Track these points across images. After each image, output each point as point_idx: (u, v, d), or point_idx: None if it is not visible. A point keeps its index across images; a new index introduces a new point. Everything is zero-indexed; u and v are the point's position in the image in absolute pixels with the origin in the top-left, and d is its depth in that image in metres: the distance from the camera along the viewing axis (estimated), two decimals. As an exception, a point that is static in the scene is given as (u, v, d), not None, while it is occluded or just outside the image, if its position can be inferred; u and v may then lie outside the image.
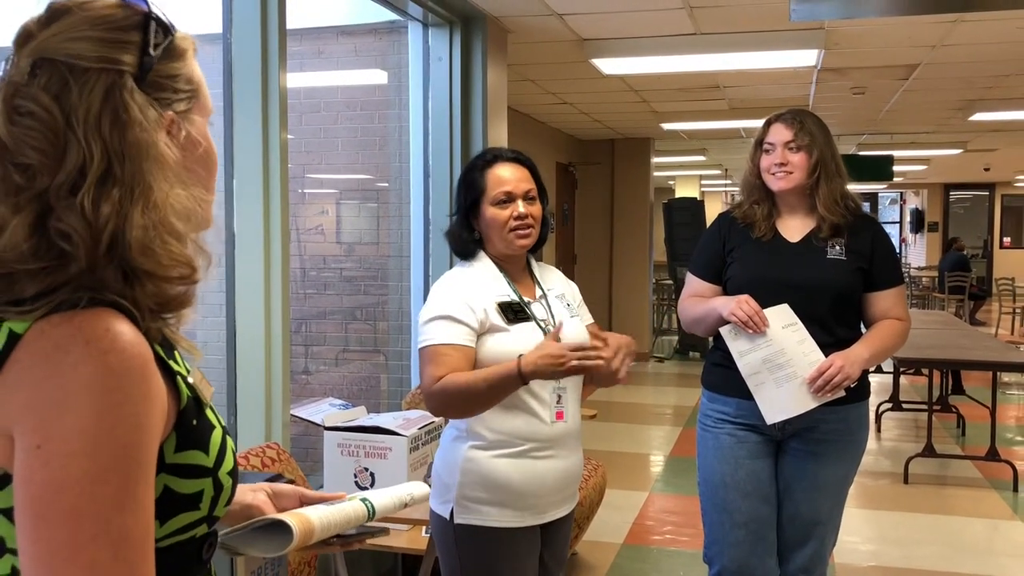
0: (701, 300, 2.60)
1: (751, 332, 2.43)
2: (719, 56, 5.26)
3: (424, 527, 2.84)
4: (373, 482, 2.84)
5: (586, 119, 8.58)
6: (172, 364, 0.91)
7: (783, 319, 2.45)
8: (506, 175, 2.09)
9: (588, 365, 1.90)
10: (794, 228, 2.57)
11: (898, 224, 23.12)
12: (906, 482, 5.38)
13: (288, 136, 3.02)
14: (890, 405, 7.02)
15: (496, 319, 2.02)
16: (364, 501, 1.25)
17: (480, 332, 2.01)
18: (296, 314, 4.32)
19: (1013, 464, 5.31)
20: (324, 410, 3.14)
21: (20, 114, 0.85)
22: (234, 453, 1.00)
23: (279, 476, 2.53)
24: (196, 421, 0.93)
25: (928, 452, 5.50)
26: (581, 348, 1.91)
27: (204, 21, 3.11)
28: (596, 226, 10.22)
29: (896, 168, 11.47)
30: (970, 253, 15.52)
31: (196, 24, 3.23)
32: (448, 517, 2.04)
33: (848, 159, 2.85)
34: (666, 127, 9.00)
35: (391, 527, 2.95)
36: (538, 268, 2.23)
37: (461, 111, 4.46)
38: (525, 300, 2.10)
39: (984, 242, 19.81)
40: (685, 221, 10.46)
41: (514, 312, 2.05)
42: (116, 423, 0.80)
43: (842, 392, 2.40)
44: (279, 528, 1.12)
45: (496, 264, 2.12)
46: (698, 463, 2.63)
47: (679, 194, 15.12)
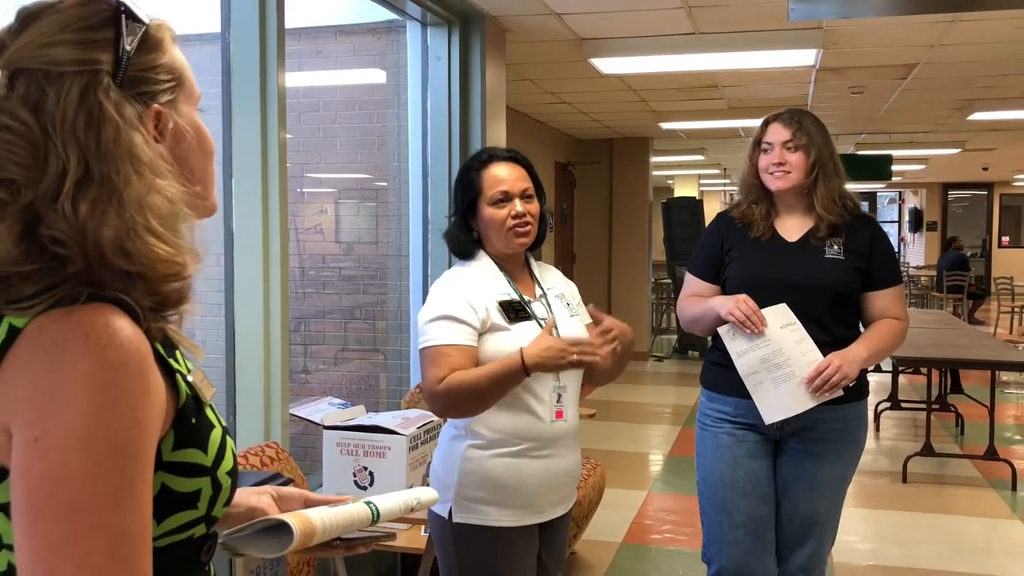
0: (700, 300, 2.60)
1: (749, 332, 2.43)
2: (718, 56, 5.26)
3: (423, 526, 2.84)
4: (372, 481, 2.84)
5: (585, 118, 8.58)
6: (172, 362, 0.91)
7: (781, 319, 2.45)
8: (503, 174, 2.09)
9: (587, 360, 1.91)
10: (792, 228, 2.57)
11: (897, 223, 23.13)
12: (905, 481, 5.39)
13: (287, 135, 3.02)
14: (889, 404, 7.03)
15: (497, 318, 2.02)
16: (369, 504, 1.24)
17: (481, 331, 2.01)
18: (295, 313, 4.32)
19: (1012, 463, 5.32)
20: (323, 409, 3.14)
21: None
22: (234, 453, 0.99)
23: (278, 475, 2.53)
24: (195, 420, 0.92)
25: (927, 451, 5.51)
26: (579, 343, 1.92)
27: (203, 20, 3.11)
28: (595, 225, 10.23)
29: (895, 167, 11.47)
30: (969, 252, 15.53)
31: (195, 23, 3.24)
32: (447, 516, 2.04)
33: (846, 158, 2.86)
34: (665, 126, 9.00)
35: (390, 526, 2.95)
36: (537, 267, 2.23)
37: (460, 110, 4.47)
38: (526, 299, 2.10)
39: (983, 241, 19.83)
40: (684, 220, 10.46)
41: (515, 311, 2.05)
42: (113, 418, 0.80)
43: (840, 392, 2.40)
44: (280, 529, 1.11)
45: (496, 263, 2.12)
46: (697, 462, 2.64)
47: (678, 193, 15.12)
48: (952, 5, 4.19)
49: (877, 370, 7.95)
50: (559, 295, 2.19)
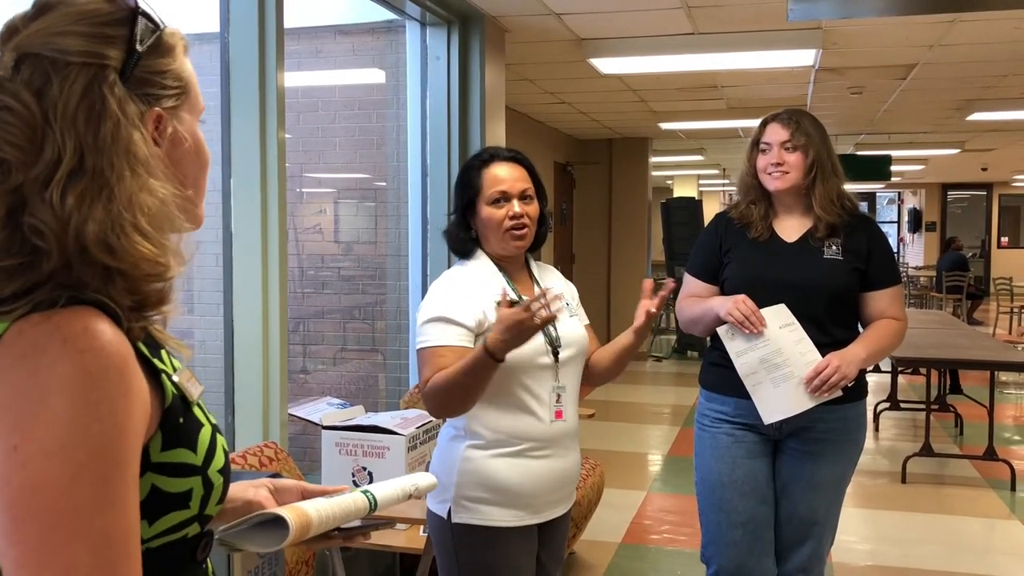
0: (698, 300, 2.60)
1: (748, 332, 2.43)
2: (717, 56, 5.26)
3: (422, 526, 2.84)
4: (371, 481, 2.84)
5: (584, 119, 8.58)
6: (156, 362, 0.90)
7: (780, 319, 2.45)
8: (502, 174, 2.08)
9: (546, 316, 1.81)
10: (791, 228, 2.57)
11: (896, 224, 23.14)
12: (904, 481, 5.39)
13: (286, 135, 3.02)
14: (888, 404, 7.03)
15: (495, 318, 2.02)
16: (366, 493, 1.24)
17: (478, 332, 2.01)
18: (294, 313, 4.32)
19: (1011, 463, 5.32)
20: (322, 409, 3.14)
21: None
22: (226, 451, 0.99)
23: (277, 475, 2.53)
24: (182, 419, 0.92)
25: (926, 451, 5.51)
26: (528, 308, 1.81)
27: (202, 20, 3.11)
28: (594, 226, 10.22)
29: (894, 168, 11.48)
30: (968, 253, 15.53)
31: (194, 23, 3.24)
32: (446, 516, 2.04)
33: (846, 159, 2.86)
34: (664, 127, 9.00)
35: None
36: (537, 268, 2.23)
37: (459, 110, 4.47)
38: (524, 299, 2.10)
39: (982, 242, 19.84)
40: (683, 221, 10.46)
41: (513, 311, 2.04)
42: (93, 422, 0.79)
43: (839, 392, 2.40)
44: (275, 523, 1.11)
45: (495, 263, 2.12)
46: (695, 463, 2.63)
47: (677, 194, 15.12)
48: (952, 5, 4.20)
49: (876, 370, 7.96)
50: (559, 295, 2.19)
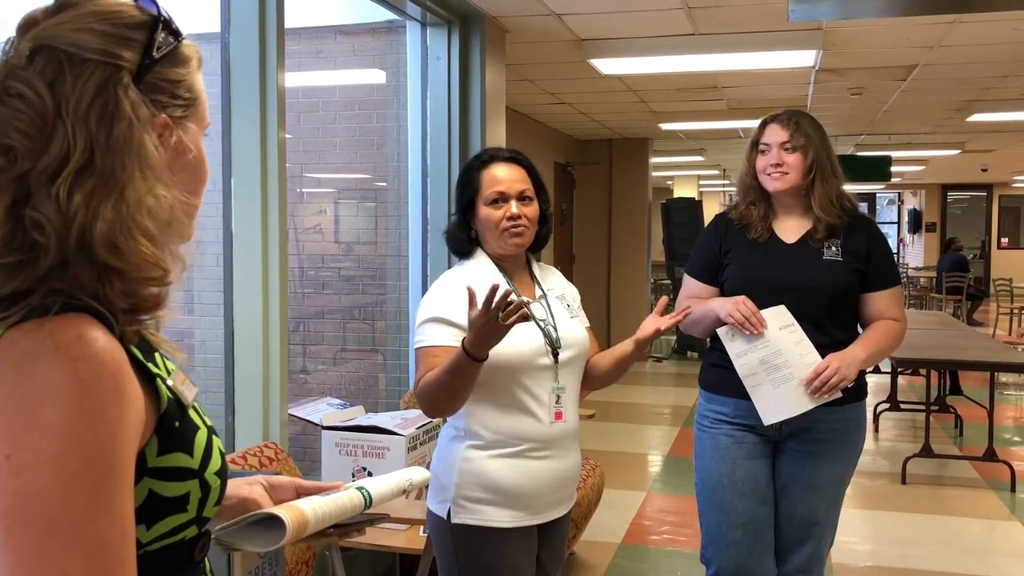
0: (698, 301, 2.60)
1: (748, 333, 2.43)
2: (717, 56, 5.27)
3: (422, 527, 2.84)
4: (371, 482, 2.84)
5: (584, 119, 8.58)
6: (150, 367, 0.90)
7: (780, 320, 2.45)
8: (501, 175, 2.09)
9: (519, 314, 1.79)
10: (790, 229, 2.57)
11: (896, 224, 23.14)
12: (904, 482, 5.39)
13: (286, 135, 3.02)
14: (888, 405, 7.03)
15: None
16: (360, 489, 1.24)
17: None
18: (294, 313, 4.32)
19: (1011, 464, 5.32)
20: (322, 409, 3.14)
21: (10, 95, 0.84)
22: (222, 453, 0.98)
23: (279, 475, 2.53)
24: (178, 423, 0.92)
25: (926, 452, 5.51)
26: (486, 310, 1.78)
27: (202, 20, 3.11)
28: (594, 226, 10.22)
29: (894, 169, 11.49)
30: (968, 254, 15.53)
31: (194, 23, 3.24)
32: (445, 517, 2.04)
33: (846, 159, 2.86)
34: (664, 127, 9.00)
35: (389, 527, 2.95)
36: (538, 268, 2.23)
37: (459, 111, 4.47)
38: (525, 300, 2.10)
39: (982, 243, 19.84)
40: (683, 221, 10.46)
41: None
42: (86, 430, 0.79)
43: (839, 394, 2.40)
44: (272, 522, 1.11)
45: (495, 263, 2.12)
46: (695, 463, 2.63)
47: (677, 194, 15.12)
48: (952, 6, 4.20)
49: (876, 371, 7.96)
50: (559, 296, 2.19)
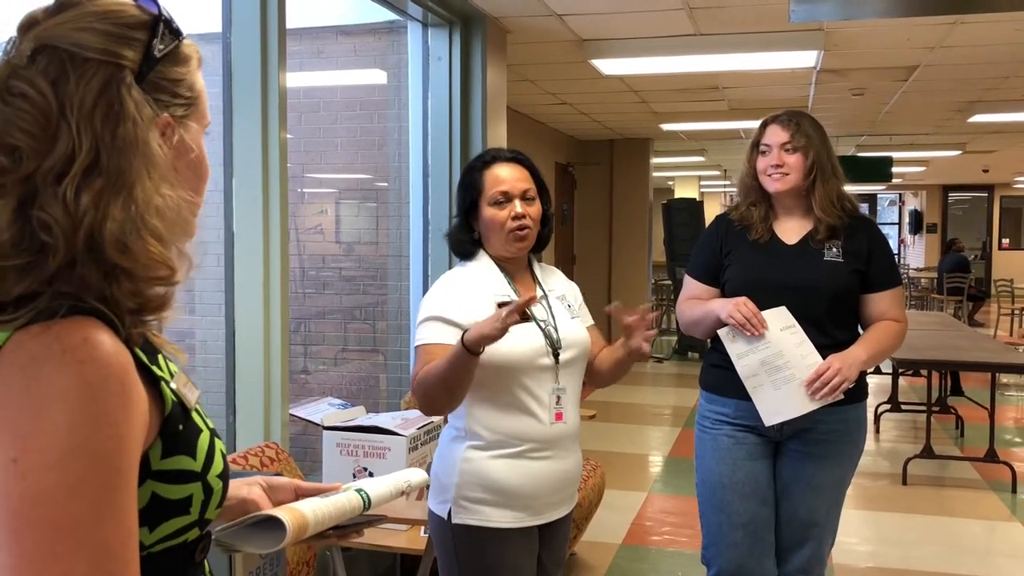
0: (699, 302, 2.60)
1: (749, 334, 2.43)
2: (718, 57, 5.27)
3: (422, 527, 2.84)
4: (371, 482, 2.84)
5: (585, 119, 8.58)
6: (155, 369, 0.90)
7: (781, 321, 2.45)
8: (504, 175, 2.09)
9: (516, 306, 1.81)
10: (791, 230, 2.57)
11: (897, 225, 23.13)
12: (905, 483, 5.38)
13: (287, 136, 3.02)
14: (889, 406, 7.03)
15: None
16: (359, 491, 1.24)
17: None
18: (295, 313, 4.32)
19: (1011, 465, 5.32)
20: (323, 410, 3.14)
21: (13, 95, 0.84)
22: (224, 455, 0.99)
23: (278, 476, 2.53)
24: (182, 426, 0.92)
25: (927, 453, 5.51)
26: (504, 304, 1.83)
27: (204, 20, 3.11)
28: (595, 226, 10.22)
29: (895, 169, 11.48)
30: (969, 255, 15.52)
31: (196, 23, 3.24)
32: (446, 517, 2.04)
33: (847, 160, 2.86)
34: (665, 128, 9.00)
35: (390, 527, 2.95)
36: (540, 269, 2.23)
37: (460, 111, 4.47)
38: (535, 295, 2.09)
39: (983, 244, 19.83)
40: (684, 222, 10.46)
41: (514, 312, 2.05)
42: (92, 434, 0.79)
43: (841, 395, 2.40)
44: (272, 523, 1.11)
45: (497, 264, 2.12)
46: (696, 464, 2.63)
47: (678, 195, 15.12)
48: (953, 7, 4.20)
49: (877, 372, 7.95)
50: (560, 297, 2.19)
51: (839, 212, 2.51)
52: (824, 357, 2.41)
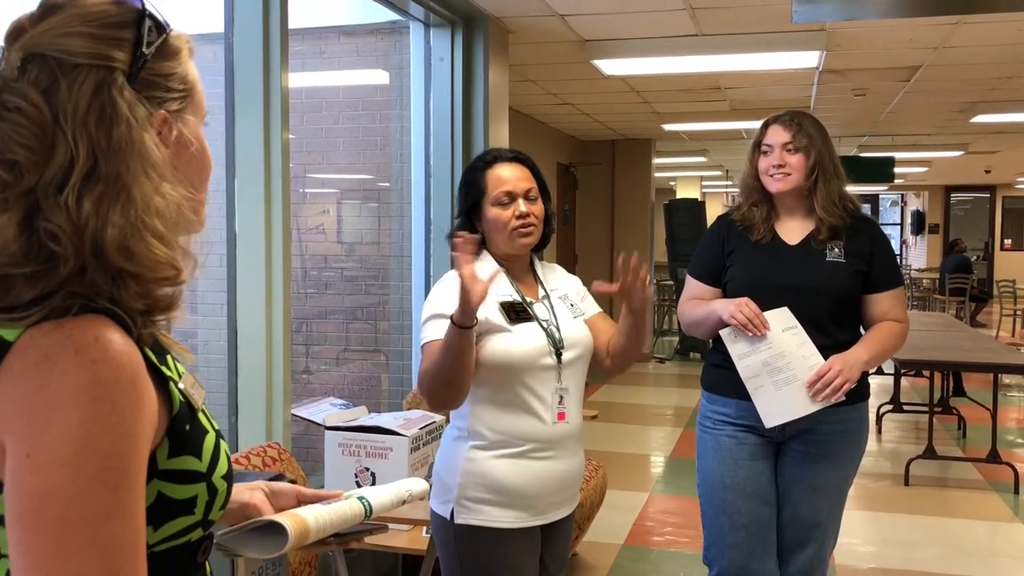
0: (701, 303, 2.59)
1: (751, 335, 2.43)
2: (720, 57, 5.27)
3: (425, 527, 2.84)
4: (374, 482, 2.84)
5: (587, 120, 8.58)
6: (164, 370, 0.91)
7: (783, 322, 2.44)
8: (506, 175, 2.09)
9: (465, 243, 1.83)
10: (793, 230, 2.57)
11: (899, 226, 23.11)
12: (907, 484, 5.38)
13: (290, 136, 3.02)
14: (891, 407, 7.02)
15: (498, 319, 2.02)
16: (361, 499, 1.24)
17: (478, 331, 2.00)
18: (297, 314, 4.32)
19: (1014, 466, 5.31)
20: (325, 410, 3.14)
21: (8, 110, 0.84)
22: (228, 456, 0.99)
23: (280, 476, 2.53)
24: (189, 427, 0.92)
25: (929, 454, 5.50)
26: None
27: (206, 21, 3.11)
28: (597, 227, 10.22)
29: (897, 170, 11.46)
30: (971, 255, 15.50)
31: (198, 24, 3.24)
32: (449, 517, 2.05)
33: (849, 161, 2.85)
34: (667, 128, 9.00)
35: (392, 527, 2.95)
36: (541, 268, 2.23)
37: (463, 111, 4.47)
38: (528, 300, 2.10)
39: (985, 244, 19.80)
40: (686, 222, 10.45)
41: (516, 312, 2.05)
42: (104, 432, 0.80)
43: (842, 397, 2.40)
44: (274, 529, 1.11)
45: (499, 263, 2.12)
46: (698, 464, 2.63)
47: (680, 195, 15.11)
48: (956, 7, 4.19)
49: (879, 372, 7.95)
50: (562, 296, 2.19)
51: (841, 212, 2.51)
52: (826, 358, 2.41)
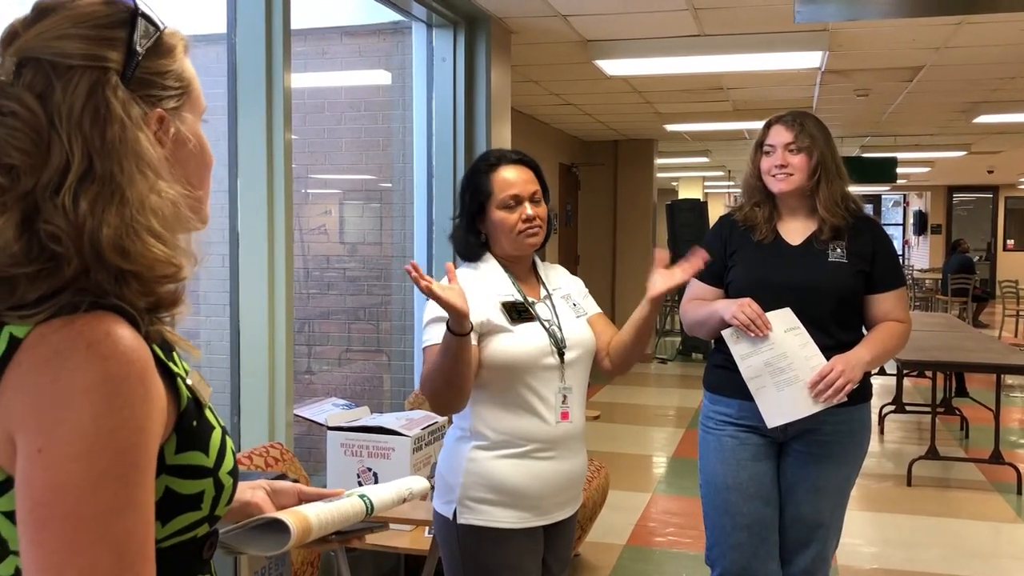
0: (703, 303, 2.59)
1: (753, 335, 2.43)
2: (723, 58, 5.26)
3: (427, 527, 2.84)
4: (376, 482, 2.84)
5: (589, 120, 8.58)
6: (171, 366, 0.92)
7: (785, 323, 2.44)
8: (512, 177, 2.09)
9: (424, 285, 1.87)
10: (795, 231, 2.57)
11: (901, 226, 23.09)
12: (909, 484, 5.37)
13: (292, 136, 3.03)
14: (893, 407, 7.01)
15: (500, 319, 2.02)
16: (362, 497, 1.25)
17: (480, 332, 2.01)
18: (299, 314, 4.32)
19: (1016, 467, 5.31)
20: (327, 410, 3.14)
21: (3, 114, 0.85)
22: (233, 453, 1.00)
23: (283, 476, 2.53)
24: (196, 422, 0.93)
25: (931, 454, 5.50)
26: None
27: (209, 21, 3.12)
28: (599, 227, 10.22)
29: (900, 170, 11.45)
30: (974, 256, 15.48)
31: (201, 25, 3.25)
32: (451, 517, 2.05)
33: (852, 161, 2.85)
34: (669, 128, 9.00)
35: (394, 527, 2.95)
36: (543, 268, 2.24)
37: (465, 112, 4.47)
38: (530, 300, 2.10)
39: (987, 245, 19.78)
40: (688, 222, 10.45)
41: (518, 312, 2.05)
42: (116, 427, 0.80)
43: (844, 397, 2.39)
44: (277, 526, 1.12)
45: (502, 265, 2.12)
46: (700, 465, 2.63)
47: (682, 195, 15.11)
48: (959, 7, 4.19)
49: (882, 373, 7.94)
50: (565, 296, 2.19)
51: (843, 213, 2.51)
52: (828, 358, 2.41)
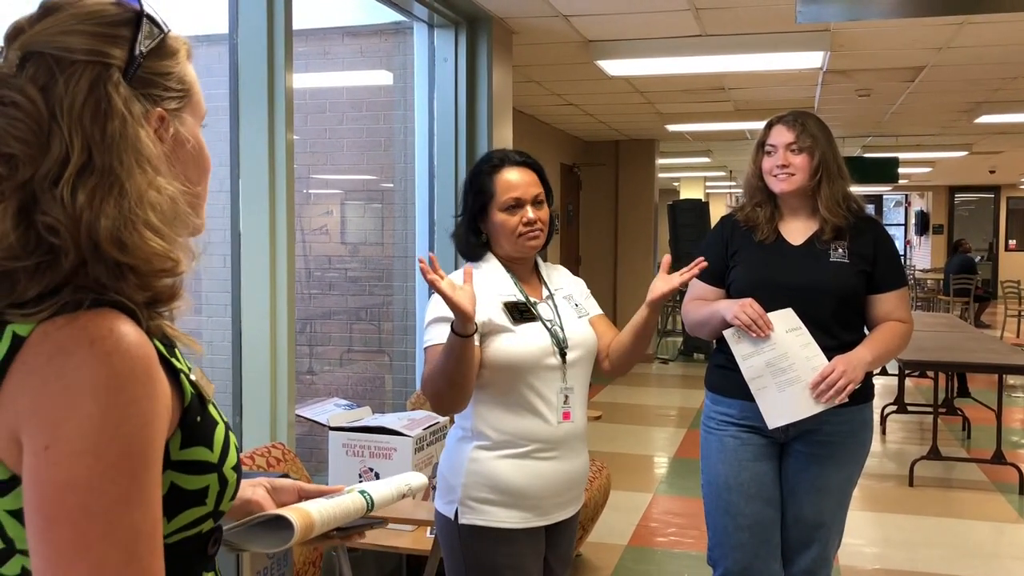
0: (705, 303, 2.59)
1: (755, 336, 2.43)
2: (724, 58, 5.26)
3: (429, 527, 2.85)
4: (377, 482, 2.84)
5: (591, 120, 8.58)
6: (175, 362, 0.92)
7: (787, 323, 2.44)
8: (515, 180, 2.09)
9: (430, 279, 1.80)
10: (796, 231, 2.57)
11: (903, 226, 23.08)
12: (911, 485, 5.37)
13: (294, 137, 3.03)
14: (895, 407, 7.01)
15: (502, 320, 2.02)
16: (363, 493, 1.26)
17: (482, 332, 2.01)
18: (301, 314, 4.33)
19: (1019, 467, 5.30)
20: (329, 410, 3.15)
21: (4, 104, 0.85)
22: (237, 448, 1.01)
23: (286, 476, 2.54)
24: (200, 418, 0.93)
25: (933, 455, 5.49)
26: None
27: (211, 22, 3.12)
28: (600, 227, 10.22)
29: (901, 170, 11.44)
30: (975, 256, 15.47)
31: (203, 25, 3.25)
32: (453, 517, 2.05)
33: (853, 161, 2.85)
34: (671, 128, 8.99)
35: (396, 527, 2.95)
36: (545, 268, 2.24)
37: (466, 112, 4.47)
38: (532, 301, 2.10)
39: (989, 245, 19.77)
40: (689, 223, 10.45)
41: (520, 312, 2.05)
42: (122, 423, 0.81)
43: (846, 398, 2.39)
44: (279, 523, 1.13)
45: (503, 265, 2.13)
46: (702, 465, 2.63)
47: (684, 195, 15.11)
48: (961, 7, 4.19)
49: (883, 373, 7.94)
50: (567, 296, 2.19)
51: (845, 213, 2.51)
52: (829, 358, 2.40)
